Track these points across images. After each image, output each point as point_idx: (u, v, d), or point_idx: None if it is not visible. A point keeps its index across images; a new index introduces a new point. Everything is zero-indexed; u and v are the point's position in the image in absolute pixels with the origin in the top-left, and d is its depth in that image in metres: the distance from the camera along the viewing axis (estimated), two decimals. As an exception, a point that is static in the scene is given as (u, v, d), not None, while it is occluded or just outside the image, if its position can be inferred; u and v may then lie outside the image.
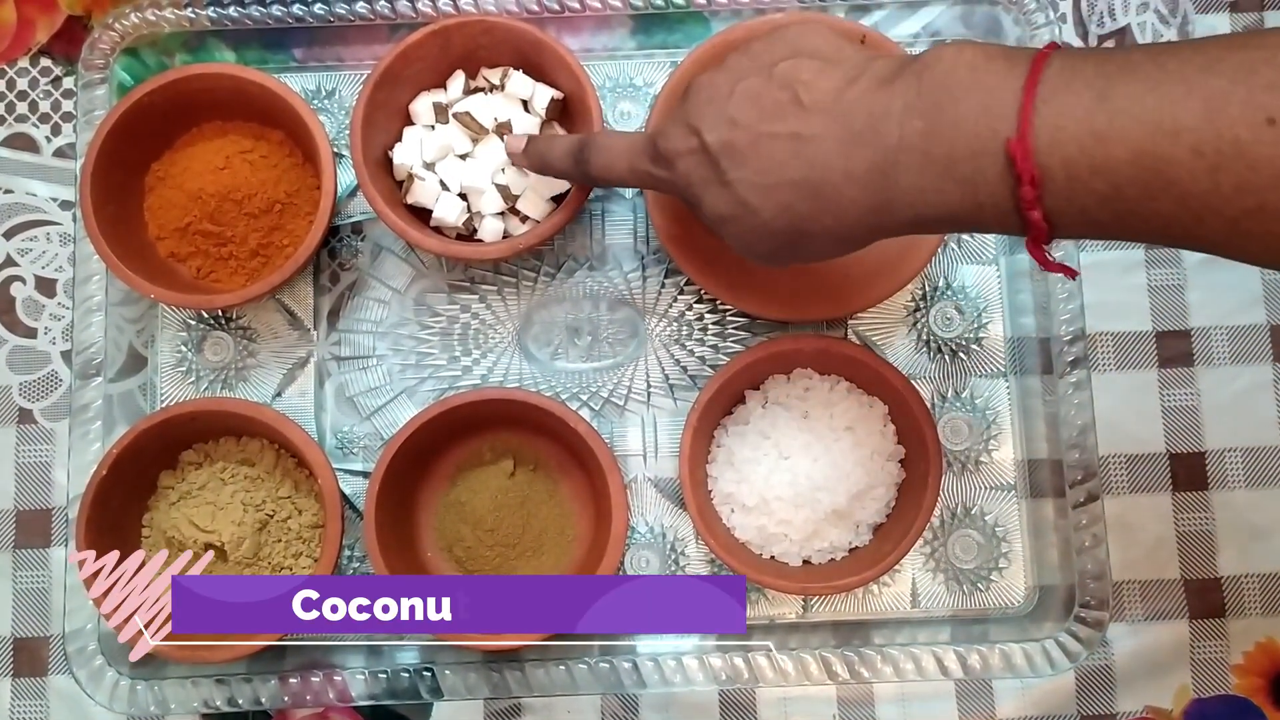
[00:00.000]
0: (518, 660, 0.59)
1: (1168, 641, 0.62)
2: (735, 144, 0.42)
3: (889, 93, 0.39)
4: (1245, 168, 0.33)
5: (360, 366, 0.63)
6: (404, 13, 0.64)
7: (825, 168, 0.40)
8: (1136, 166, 0.34)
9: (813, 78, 0.41)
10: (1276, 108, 0.32)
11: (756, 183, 0.42)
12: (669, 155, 0.45)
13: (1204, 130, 0.33)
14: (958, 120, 0.37)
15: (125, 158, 0.60)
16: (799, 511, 0.57)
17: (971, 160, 0.37)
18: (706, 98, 0.44)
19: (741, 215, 0.43)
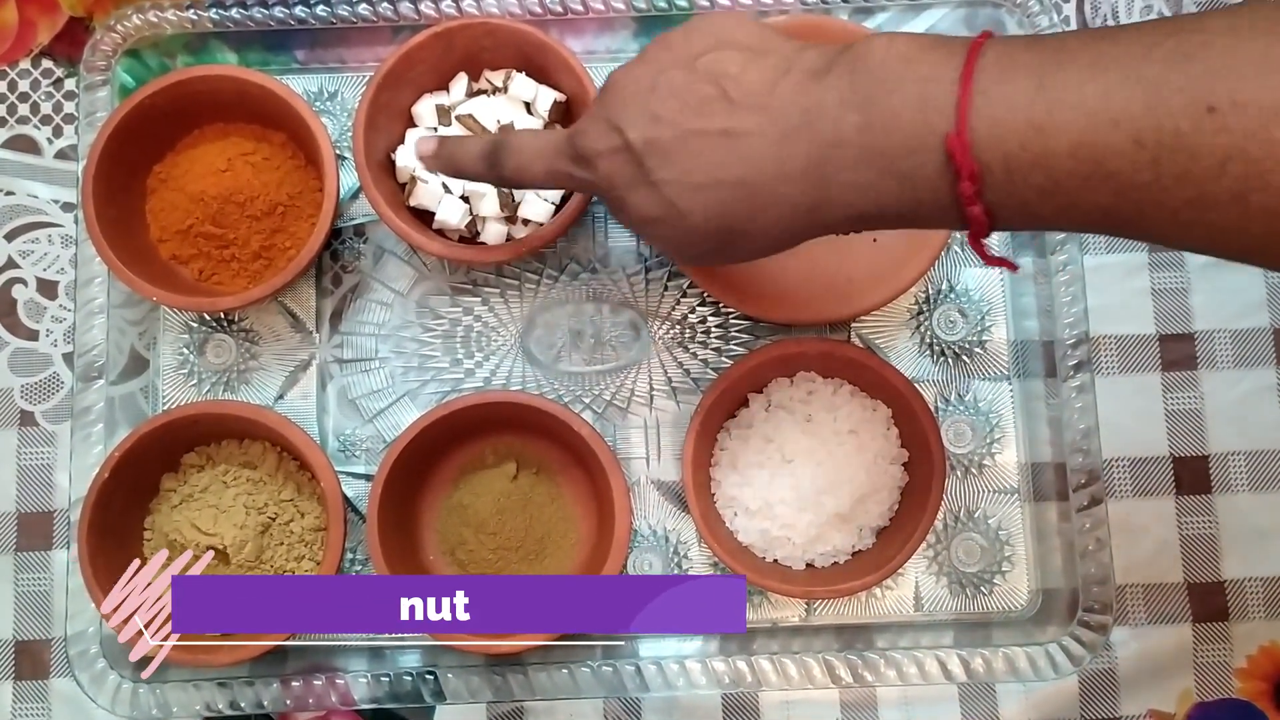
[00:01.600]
0: (520, 663, 0.59)
1: (1171, 645, 0.62)
2: (660, 142, 0.40)
3: (822, 86, 0.38)
4: (1186, 158, 0.32)
5: (362, 369, 0.63)
6: (406, 15, 0.64)
7: (759, 166, 0.39)
8: (1076, 158, 0.34)
9: (740, 70, 0.39)
10: (1216, 94, 0.31)
11: (686, 183, 0.40)
12: (589, 155, 0.43)
13: (1144, 119, 0.32)
14: (893, 114, 0.36)
15: (127, 160, 0.60)
16: (802, 515, 0.57)
17: (909, 155, 0.36)
18: (628, 92, 0.42)
19: (670, 217, 0.41)
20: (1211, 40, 0.32)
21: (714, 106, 0.39)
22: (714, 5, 0.64)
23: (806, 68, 0.39)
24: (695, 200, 0.40)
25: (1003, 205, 0.36)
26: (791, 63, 0.39)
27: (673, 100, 0.40)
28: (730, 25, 0.42)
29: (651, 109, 0.40)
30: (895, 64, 0.37)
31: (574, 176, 0.44)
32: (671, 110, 0.40)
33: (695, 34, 0.42)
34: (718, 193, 0.40)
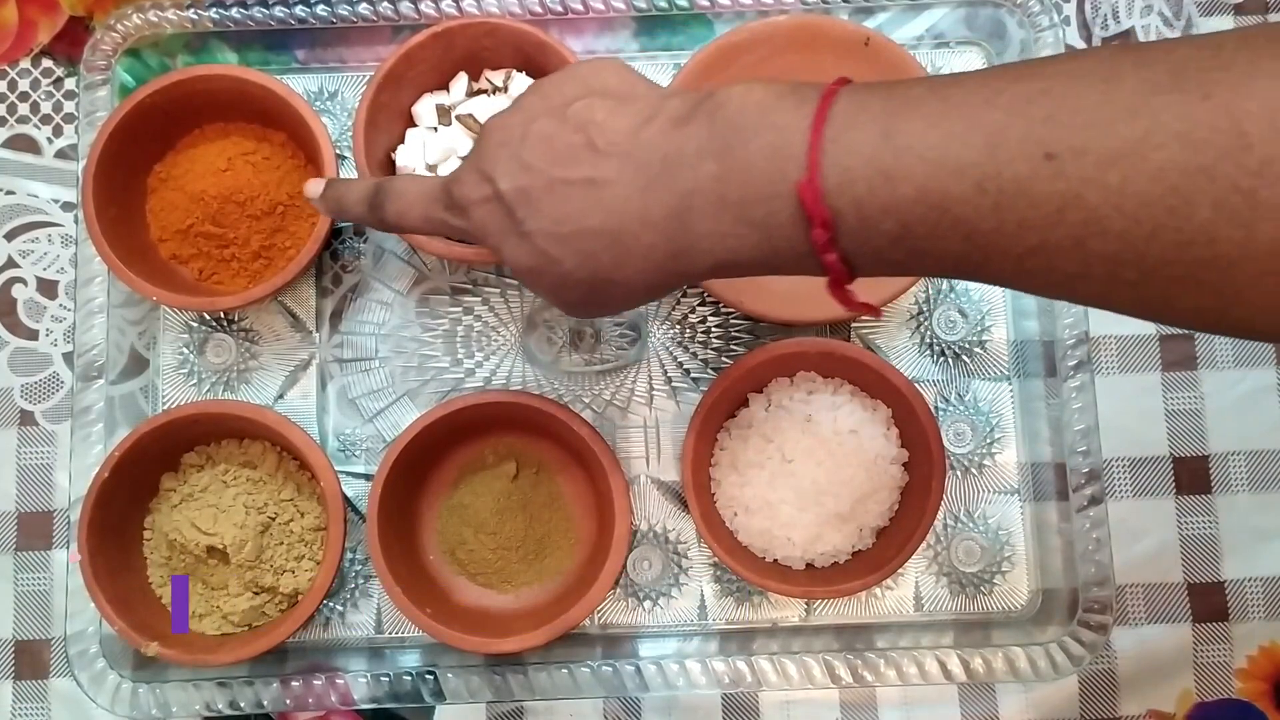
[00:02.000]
0: (520, 663, 0.59)
1: (1171, 645, 0.62)
2: (529, 191, 0.40)
3: (683, 134, 0.38)
4: (1027, 205, 0.32)
5: (362, 369, 0.63)
6: (407, 14, 0.64)
7: (622, 214, 0.39)
8: (923, 205, 0.34)
9: (606, 118, 0.40)
10: (1053, 141, 0.31)
11: (554, 232, 0.40)
12: (463, 203, 0.43)
13: (986, 166, 0.32)
14: (748, 162, 0.36)
15: (127, 159, 0.60)
16: (802, 515, 0.57)
17: (764, 203, 0.36)
18: (499, 140, 0.42)
19: (543, 266, 0.41)
20: (1051, 87, 0.32)
21: (580, 155, 0.40)
22: (714, 4, 0.64)
23: (670, 115, 0.39)
24: (564, 249, 0.40)
25: (858, 252, 0.36)
26: (657, 110, 0.39)
27: (541, 149, 0.40)
28: (603, 72, 0.42)
29: (521, 158, 0.41)
30: (751, 112, 0.37)
31: (449, 224, 0.44)
32: (539, 159, 0.40)
33: (568, 82, 0.42)
34: (584, 241, 0.40)
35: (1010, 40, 0.65)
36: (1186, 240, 0.30)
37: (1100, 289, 0.33)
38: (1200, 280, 0.31)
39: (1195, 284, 0.31)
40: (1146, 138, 0.30)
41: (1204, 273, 0.31)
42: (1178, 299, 0.32)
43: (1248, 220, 0.29)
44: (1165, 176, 0.30)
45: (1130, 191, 0.31)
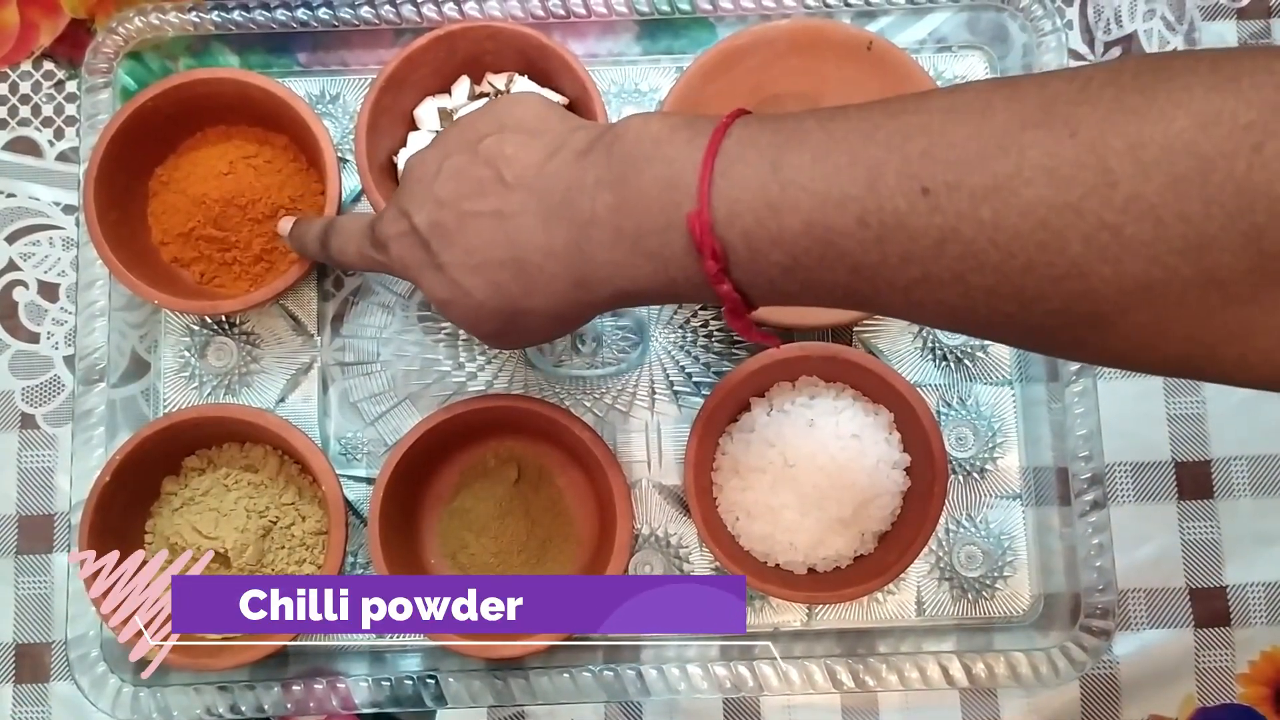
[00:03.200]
0: (521, 668, 0.59)
1: (1173, 650, 0.62)
2: (443, 224, 0.41)
3: (583, 165, 0.39)
4: (906, 238, 0.32)
5: (364, 372, 0.63)
6: (409, 17, 0.64)
7: (527, 245, 0.40)
8: (810, 238, 0.34)
9: (515, 152, 0.40)
10: (927, 176, 0.32)
11: (466, 263, 0.41)
12: (384, 240, 0.44)
13: (867, 200, 0.33)
14: (642, 193, 0.37)
15: (129, 162, 0.60)
16: (804, 519, 0.57)
17: (658, 234, 0.37)
18: (416, 177, 0.43)
19: (458, 297, 0.42)
20: (929, 121, 0.33)
21: (488, 188, 0.41)
22: (716, 8, 0.64)
23: (573, 147, 0.40)
24: (475, 280, 0.41)
25: (751, 284, 0.37)
26: (563, 142, 0.40)
27: (453, 184, 0.41)
28: (518, 107, 0.42)
29: (435, 193, 0.42)
30: (647, 144, 0.37)
31: (375, 259, 0.46)
32: (452, 193, 0.41)
33: (483, 117, 0.43)
34: (493, 273, 0.41)
35: (1013, 44, 0.65)
36: (1060, 274, 0.31)
37: (984, 321, 0.34)
38: (1076, 313, 0.31)
39: (1072, 317, 0.32)
40: (1016, 173, 0.31)
41: (1079, 305, 0.31)
42: (1058, 331, 0.33)
43: (1116, 256, 0.30)
44: (1035, 212, 0.30)
45: (1003, 226, 0.31)
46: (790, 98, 0.63)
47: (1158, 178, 0.29)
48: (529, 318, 0.42)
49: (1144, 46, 0.67)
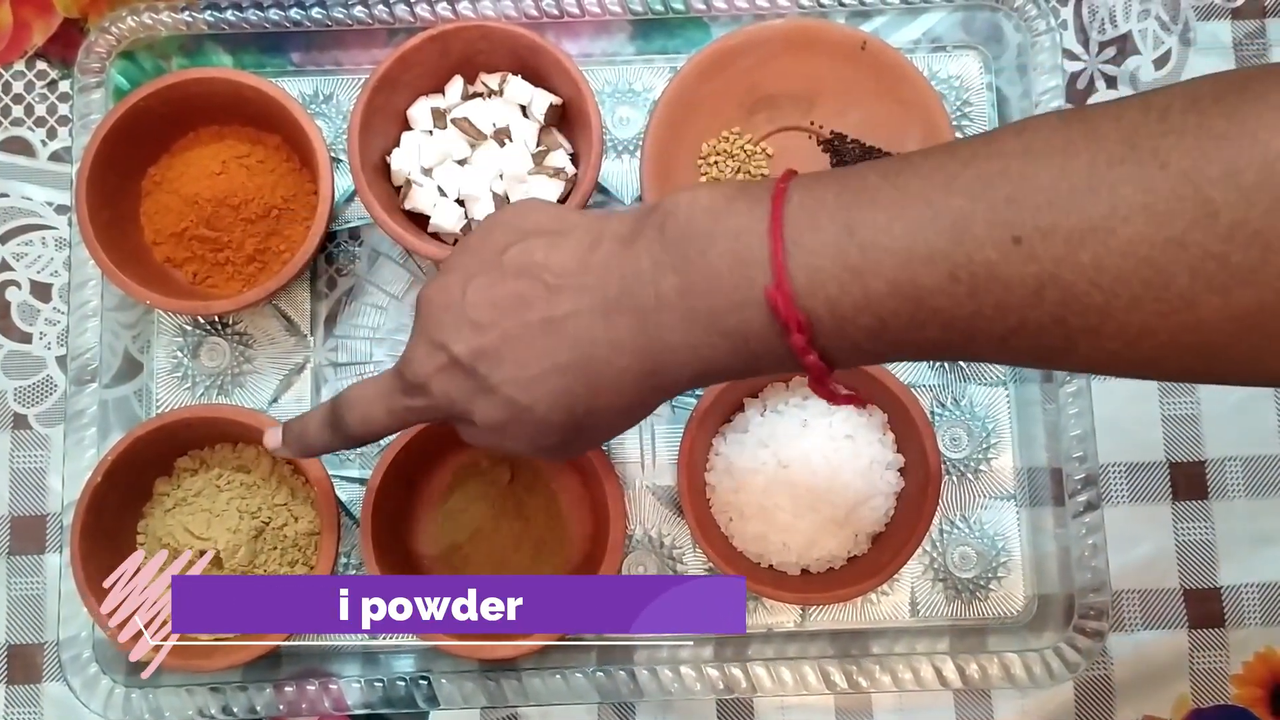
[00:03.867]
0: (514, 669, 0.59)
1: (1167, 651, 0.62)
2: (487, 347, 0.39)
3: (634, 251, 0.37)
4: (1001, 288, 0.32)
5: (357, 373, 0.63)
6: (402, 17, 0.64)
7: (589, 343, 0.38)
8: (898, 298, 0.33)
9: (546, 255, 0.39)
10: (1018, 223, 0.31)
11: (522, 378, 0.39)
12: (421, 382, 0.41)
13: (955, 254, 0.32)
14: (710, 272, 0.36)
15: (121, 162, 0.60)
16: (798, 520, 0.57)
17: (735, 312, 0.35)
18: (441, 306, 0.40)
19: (517, 415, 0.40)
20: (1008, 166, 0.32)
21: (529, 298, 0.39)
22: (709, 8, 0.64)
23: (615, 235, 0.38)
24: (535, 392, 0.39)
25: (837, 349, 0.35)
26: (598, 234, 0.39)
27: (487, 304, 0.39)
28: (528, 213, 0.41)
29: (469, 318, 0.39)
30: (702, 220, 0.36)
31: (413, 408, 0.43)
32: (488, 314, 0.39)
33: (494, 231, 0.41)
34: (556, 380, 0.39)
35: (1007, 44, 0.65)
36: (1167, 309, 0.30)
37: (1086, 359, 0.33)
38: (1184, 344, 0.31)
39: (1180, 347, 0.31)
40: (1112, 213, 0.30)
41: (1187, 336, 0.31)
42: (1164, 362, 0.32)
43: (1224, 285, 0.29)
44: (1136, 250, 0.30)
45: (1104, 267, 0.30)
46: (784, 98, 0.63)
47: (1261, 202, 0.28)
48: (596, 419, 0.40)
49: (1138, 47, 0.67)
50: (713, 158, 0.62)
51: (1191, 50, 0.67)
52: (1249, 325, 0.30)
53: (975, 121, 0.65)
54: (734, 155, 0.62)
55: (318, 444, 0.48)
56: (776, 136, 0.63)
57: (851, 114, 0.63)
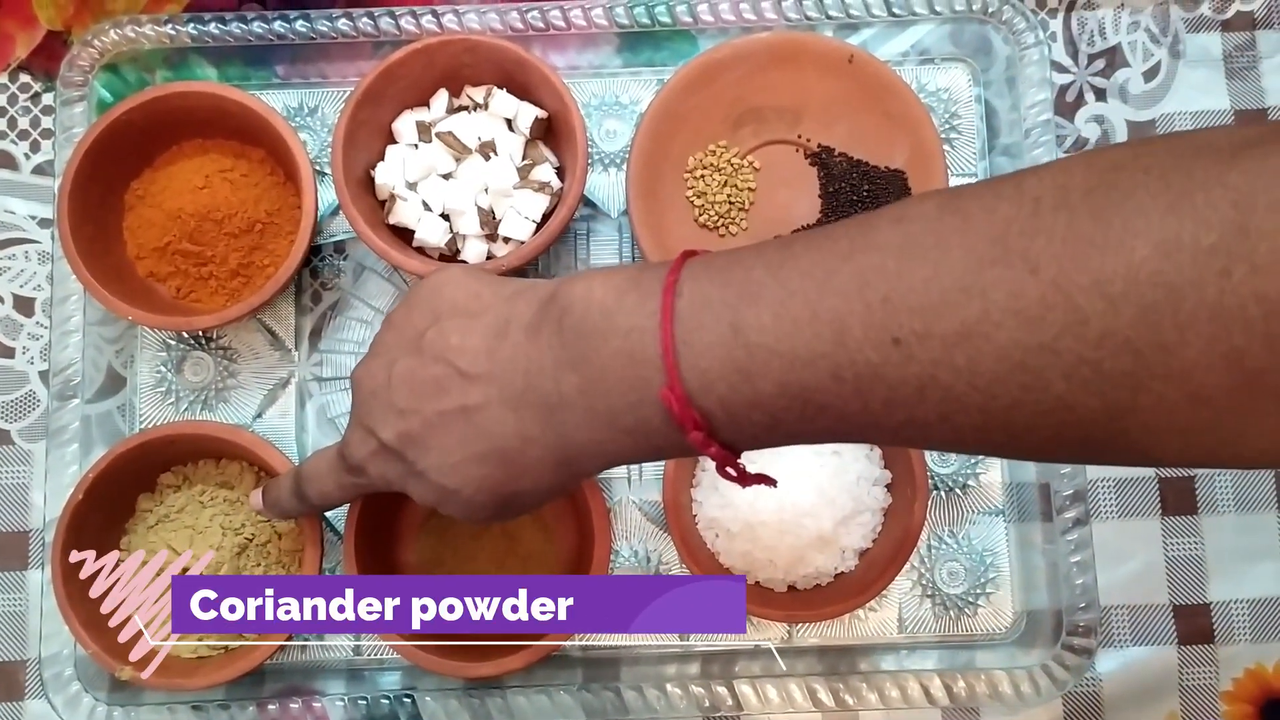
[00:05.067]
0: (499, 686, 0.58)
1: (1156, 668, 0.61)
2: (410, 433, 0.40)
3: (537, 345, 0.38)
4: (886, 388, 0.32)
5: (342, 387, 0.63)
6: (387, 30, 0.63)
7: (501, 435, 0.39)
8: (786, 397, 0.33)
9: (460, 341, 0.39)
10: (894, 326, 0.31)
11: (444, 464, 0.40)
12: (358, 465, 0.44)
13: (837, 355, 0.32)
14: (606, 372, 0.36)
15: (104, 176, 0.60)
16: (784, 537, 0.56)
17: (632, 411, 0.36)
18: (369, 391, 0.42)
19: (447, 496, 0.41)
20: (884, 262, 0.32)
21: (446, 385, 0.39)
22: (696, 21, 0.64)
23: (521, 324, 0.39)
24: (459, 477, 0.40)
25: (736, 440, 0.36)
26: (506, 319, 0.39)
27: (407, 389, 0.40)
28: (444, 289, 0.41)
29: (394, 404, 0.41)
30: (595, 316, 0.36)
31: (357, 484, 0.45)
32: (410, 400, 0.40)
33: (415, 309, 0.42)
34: (476, 467, 0.40)
35: (996, 57, 0.64)
36: (1046, 410, 0.30)
37: (978, 449, 0.34)
38: (1068, 439, 0.31)
39: (1064, 441, 0.31)
40: (984, 317, 0.30)
41: (1070, 433, 0.31)
42: (1054, 452, 0.33)
43: (1099, 389, 0.29)
44: (1010, 355, 0.30)
45: (980, 370, 0.30)
46: (771, 111, 0.63)
47: (1127, 311, 0.28)
48: (524, 497, 0.41)
49: (1128, 59, 0.66)
50: (699, 171, 0.62)
51: (1181, 62, 0.67)
52: (1130, 424, 0.30)
53: (964, 134, 0.65)
54: (720, 169, 0.62)
55: (289, 510, 0.52)
56: (763, 150, 0.63)
57: (839, 127, 0.62)
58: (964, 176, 0.64)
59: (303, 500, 0.49)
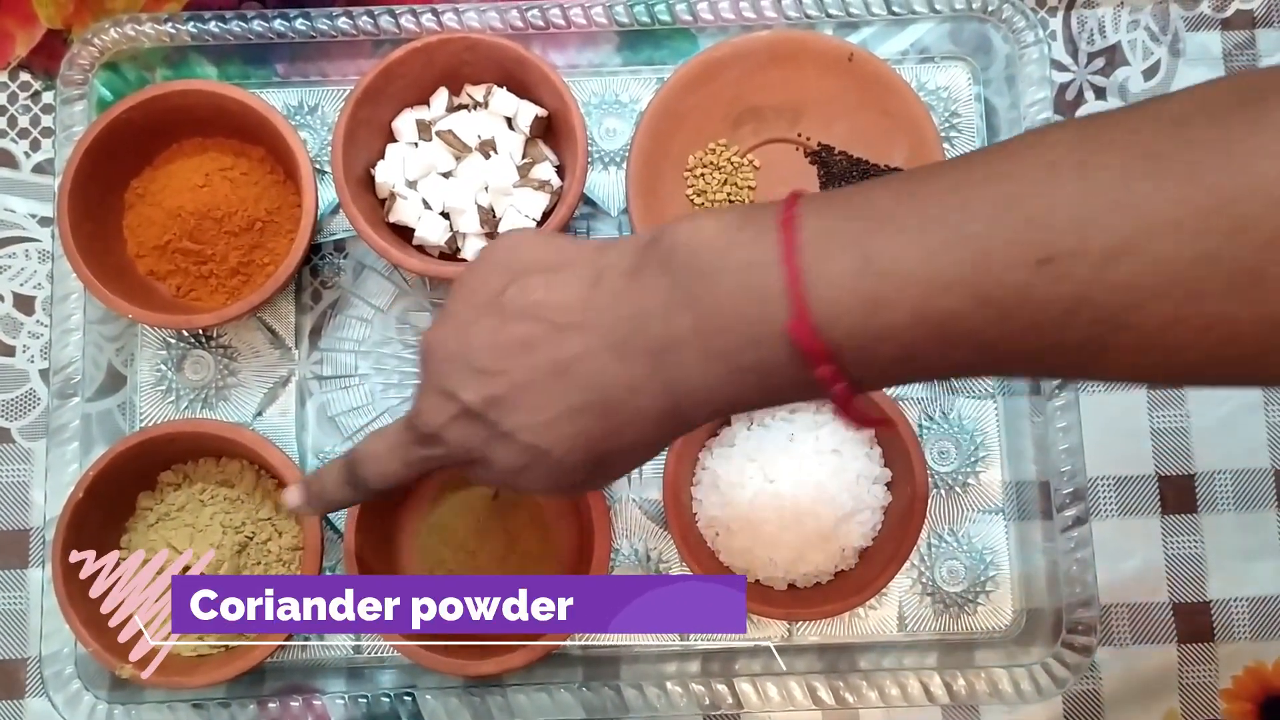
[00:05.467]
0: (500, 685, 0.58)
1: (1156, 666, 0.61)
2: (497, 395, 0.38)
3: (640, 287, 0.36)
4: (1033, 309, 0.31)
5: (342, 386, 0.63)
6: (387, 29, 0.63)
7: (604, 384, 0.37)
8: (923, 326, 0.32)
9: (546, 295, 0.38)
10: (1043, 245, 0.30)
11: (536, 422, 0.38)
12: (434, 432, 0.40)
13: (981, 280, 0.31)
14: (723, 309, 0.35)
15: (104, 174, 0.60)
16: (784, 535, 0.56)
17: (755, 348, 0.34)
18: (444, 356, 0.40)
19: (535, 459, 0.39)
20: (1025, 185, 0.31)
21: (534, 340, 0.38)
22: (696, 19, 0.63)
23: (617, 270, 0.37)
24: (552, 435, 0.38)
25: (862, 376, 0.35)
26: (598, 267, 0.37)
27: (489, 351, 0.38)
28: (520, 248, 0.40)
29: (475, 365, 0.39)
30: (708, 254, 0.35)
31: (429, 457, 0.42)
32: (494, 360, 0.38)
33: (490, 271, 0.40)
34: (573, 422, 0.38)
35: (996, 55, 0.64)
36: (1203, 325, 0.30)
37: (1121, 372, 0.33)
38: (1222, 356, 0.30)
39: (1217, 359, 0.31)
40: (1139, 231, 0.29)
41: (1225, 350, 0.30)
42: (1205, 371, 0.32)
43: (1260, 298, 0.29)
44: (1168, 268, 0.29)
45: (1137, 285, 0.30)
46: (771, 109, 0.63)
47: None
48: (616, 457, 0.39)
49: (1127, 58, 0.66)
50: (699, 169, 0.62)
51: (1181, 61, 0.67)
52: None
53: (963, 133, 0.65)
54: (720, 167, 0.62)
55: (337, 500, 0.47)
56: (763, 148, 0.63)
57: (838, 126, 0.62)
58: (964, 175, 0.64)
59: (358, 486, 0.45)
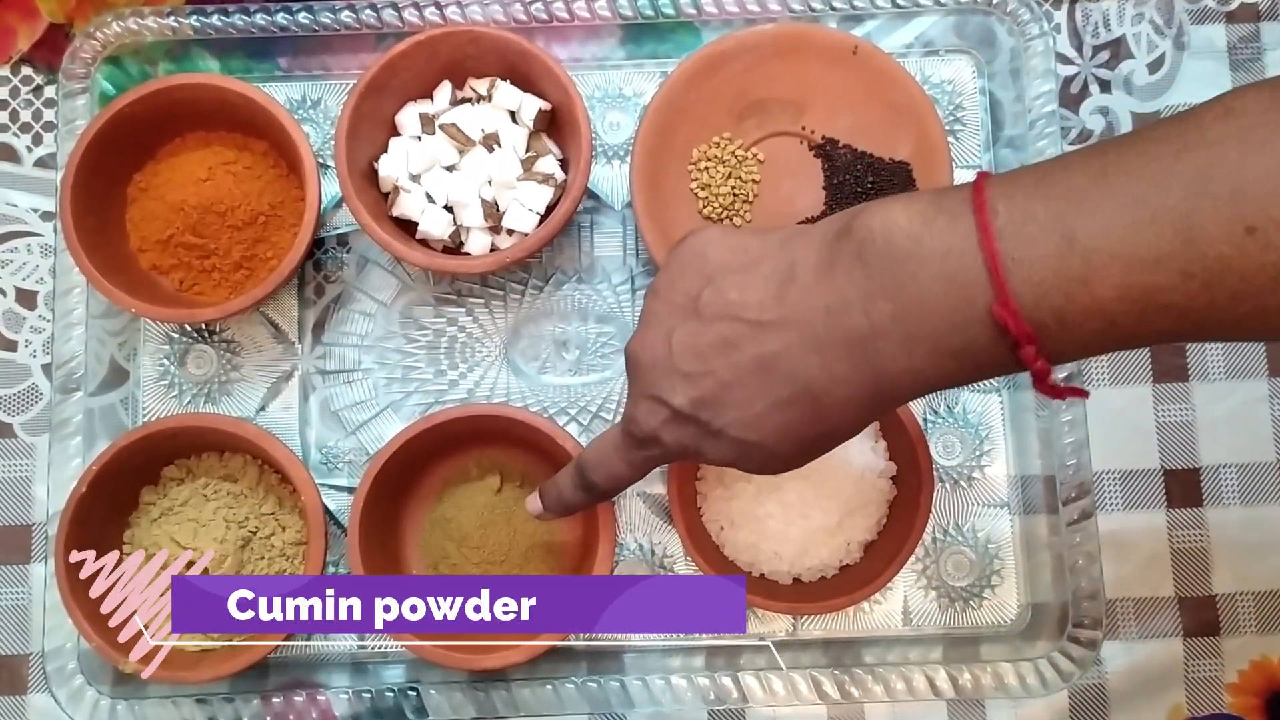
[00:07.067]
0: (504, 679, 0.58)
1: (1162, 660, 0.61)
2: (704, 396, 0.41)
3: (834, 281, 0.38)
4: (1237, 279, 0.32)
5: (345, 380, 0.62)
6: (390, 22, 0.63)
7: (807, 377, 0.39)
8: (1127, 301, 0.34)
9: (741, 294, 0.40)
10: (1250, 215, 0.31)
11: (744, 418, 0.40)
12: (650, 436, 0.43)
13: (1186, 253, 0.32)
14: (925, 296, 0.36)
15: (107, 169, 0.60)
16: (789, 529, 0.56)
17: (958, 333, 0.36)
18: (648, 363, 0.42)
19: (747, 452, 0.41)
20: (1224, 155, 0.32)
21: (734, 340, 0.40)
22: (700, 12, 0.63)
23: (808, 265, 0.39)
24: (762, 429, 0.40)
25: (1063, 352, 0.36)
26: (788, 264, 0.39)
27: (692, 354, 0.41)
28: (709, 250, 0.42)
29: (680, 370, 0.41)
30: (905, 243, 0.36)
31: (651, 457, 0.45)
32: (697, 363, 0.40)
33: (680, 275, 0.42)
34: (780, 415, 0.40)
35: (1000, 48, 0.64)
36: None
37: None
38: None
39: None
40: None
41: None
42: None
43: None
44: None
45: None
46: (775, 103, 0.62)
47: None
48: (823, 440, 0.41)
49: (1132, 51, 0.66)
50: (703, 163, 0.62)
51: (1185, 54, 0.66)
52: None
53: (968, 126, 0.64)
54: (724, 161, 0.62)
55: (574, 504, 0.51)
56: (767, 142, 0.63)
57: (843, 119, 0.62)
58: (969, 169, 0.64)
59: (590, 490, 0.49)
